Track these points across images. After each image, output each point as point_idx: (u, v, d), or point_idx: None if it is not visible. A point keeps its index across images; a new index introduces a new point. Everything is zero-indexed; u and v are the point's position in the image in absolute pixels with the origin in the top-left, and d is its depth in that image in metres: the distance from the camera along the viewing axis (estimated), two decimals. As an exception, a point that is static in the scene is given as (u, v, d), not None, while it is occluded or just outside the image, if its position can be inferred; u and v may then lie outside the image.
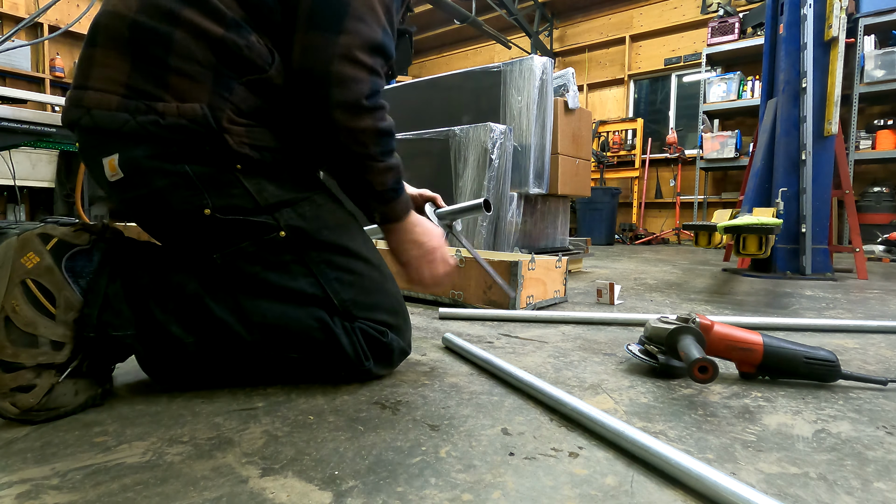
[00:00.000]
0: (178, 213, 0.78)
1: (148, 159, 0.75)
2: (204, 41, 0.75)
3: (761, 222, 1.94)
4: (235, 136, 0.78)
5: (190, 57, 0.75)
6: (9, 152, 2.54)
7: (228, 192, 0.79)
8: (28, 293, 0.71)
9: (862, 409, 0.82)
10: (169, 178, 0.76)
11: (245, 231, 0.81)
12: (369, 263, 0.90)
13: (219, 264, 0.82)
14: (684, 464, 0.57)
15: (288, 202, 0.83)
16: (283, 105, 0.83)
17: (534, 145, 2.42)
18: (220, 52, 0.76)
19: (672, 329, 0.93)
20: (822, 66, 2.65)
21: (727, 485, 0.52)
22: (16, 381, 0.69)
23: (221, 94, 0.77)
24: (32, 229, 0.75)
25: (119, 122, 0.74)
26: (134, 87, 0.75)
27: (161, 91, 0.75)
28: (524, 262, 1.57)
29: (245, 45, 0.77)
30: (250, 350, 0.82)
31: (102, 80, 0.75)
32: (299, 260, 0.84)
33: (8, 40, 2.12)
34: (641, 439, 0.62)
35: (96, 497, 0.53)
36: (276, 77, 0.81)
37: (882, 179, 5.31)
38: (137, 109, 0.74)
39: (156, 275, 0.81)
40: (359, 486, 0.56)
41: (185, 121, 0.74)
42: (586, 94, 7.91)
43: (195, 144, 0.76)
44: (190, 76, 0.75)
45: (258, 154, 0.80)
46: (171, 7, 0.75)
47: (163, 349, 0.79)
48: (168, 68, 0.75)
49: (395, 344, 0.90)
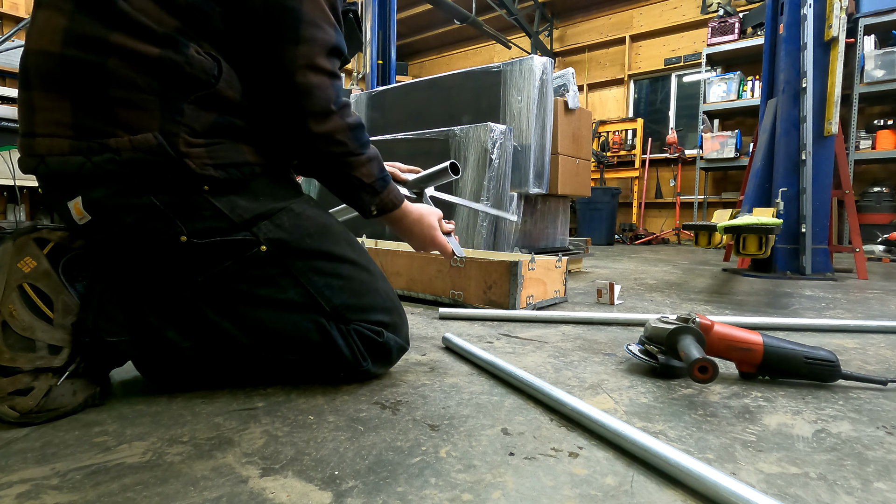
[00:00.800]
0: (154, 244, 0.76)
1: (111, 198, 0.72)
2: (140, 65, 0.70)
3: (761, 222, 1.93)
4: (196, 158, 0.74)
5: (130, 85, 0.70)
6: (9, 152, 2.54)
7: (200, 216, 0.76)
8: (25, 297, 0.71)
9: (862, 409, 0.82)
10: (136, 212, 0.73)
11: (225, 251, 0.78)
12: (357, 265, 0.89)
13: (206, 285, 0.80)
14: (684, 464, 0.57)
15: (264, 215, 0.80)
16: (240, 115, 0.79)
17: (534, 145, 2.42)
18: (159, 73, 0.71)
19: (672, 329, 0.93)
20: (822, 66, 2.65)
21: (727, 485, 0.52)
22: (13, 385, 0.69)
23: (172, 118, 0.72)
24: (29, 233, 0.74)
25: (75, 166, 0.70)
26: (81, 126, 0.70)
27: (110, 126, 0.70)
28: (524, 262, 1.57)
29: (184, 61, 0.72)
30: (247, 353, 0.82)
31: (48, 125, 0.71)
32: (285, 272, 0.82)
33: (8, 40, 2.12)
34: (641, 439, 0.62)
35: (96, 497, 0.53)
36: (225, 89, 0.76)
37: (882, 179, 5.31)
38: (90, 150, 0.70)
39: (151, 280, 0.80)
40: (359, 486, 0.56)
41: (142, 153, 0.71)
42: (586, 94, 7.91)
43: (156, 175, 0.73)
44: (135, 105, 0.71)
45: (223, 172, 0.77)
46: (98, 34, 0.69)
47: (159, 354, 0.79)
48: (111, 101, 0.70)
49: (391, 342, 0.90)
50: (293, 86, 0.77)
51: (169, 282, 0.82)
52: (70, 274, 0.75)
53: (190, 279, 0.80)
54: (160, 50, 0.71)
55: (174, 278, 0.81)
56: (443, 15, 6.39)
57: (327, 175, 0.87)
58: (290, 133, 0.81)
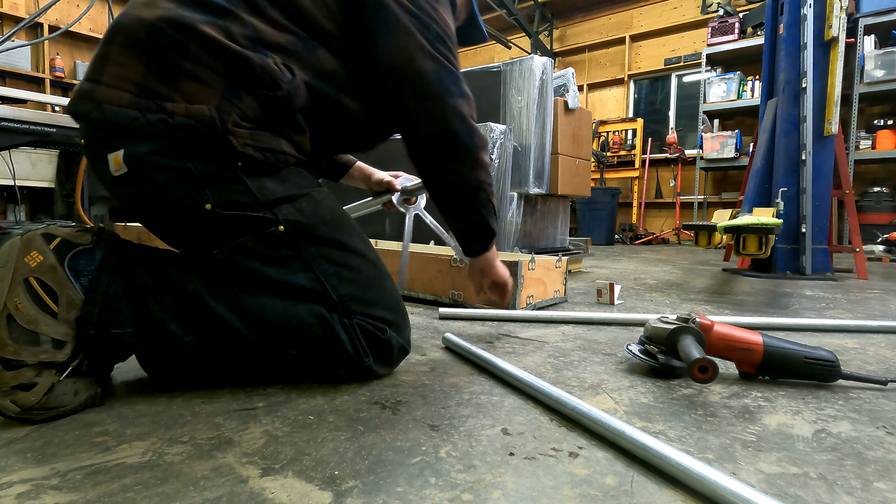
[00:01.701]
0: (179, 207, 0.79)
1: (152, 155, 0.76)
2: (219, 54, 0.78)
3: (761, 222, 1.94)
4: (240, 137, 0.79)
5: (204, 64, 0.77)
6: (9, 152, 2.54)
7: (229, 189, 0.80)
8: (31, 291, 0.72)
9: (862, 409, 0.82)
10: (171, 173, 0.77)
11: (244, 226, 0.82)
12: (367, 260, 0.92)
13: (219, 260, 0.82)
14: (684, 463, 0.57)
15: (287, 199, 0.84)
16: (289, 122, 0.85)
17: (534, 145, 2.43)
18: (233, 65, 0.79)
19: (672, 329, 0.93)
20: (822, 66, 2.65)
21: (727, 485, 0.52)
22: (17, 379, 0.69)
23: (230, 100, 0.79)
24: (35, 229, 0.75)
25: (128, 119, 0.75)
26: (146, 86, 0.76)
27: (172, 92, 0.76)
28: (524, 262, 1.57)
29: (260, 63, 0.80)
30: (250, 347, 0.82)
31: (115, 78, 0.77)
32: (297, 255, 0.85)
33: (8, 40, 2.12)
34: (641, 439, 0.62)
35: (96, 497, 0.53)
36: (286, 98, 0.82)
37: (882, 179, 5.31)
38: (148, 108, 0.75)
39: (155, 273, 0.81)
40: (359, 486, 0.56)
41: (193, 121, 0.76)
42: (586, 94, 7.91)
43: (200, 143, 0.77)
44: (201, 80, 0.77)
45: (261, 155, 0.81)
46: (195, 18, 0.78)
47: (161, 347, 0.79)
48: (181, 72, 0.77)
49: (394, 341, 0.90)
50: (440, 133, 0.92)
51: (181, 256, 0.85)
52: (76, 269, 0.76)
53: (206, 251, 0.82)
54: (241, 49, 0.79)
55: (190, 247, 0.84)
56: (443, 15, 6.38)
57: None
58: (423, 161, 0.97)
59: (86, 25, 6.31)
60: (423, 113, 0.90)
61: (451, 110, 0.90)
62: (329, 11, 0.87)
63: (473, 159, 0.95)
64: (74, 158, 2.92)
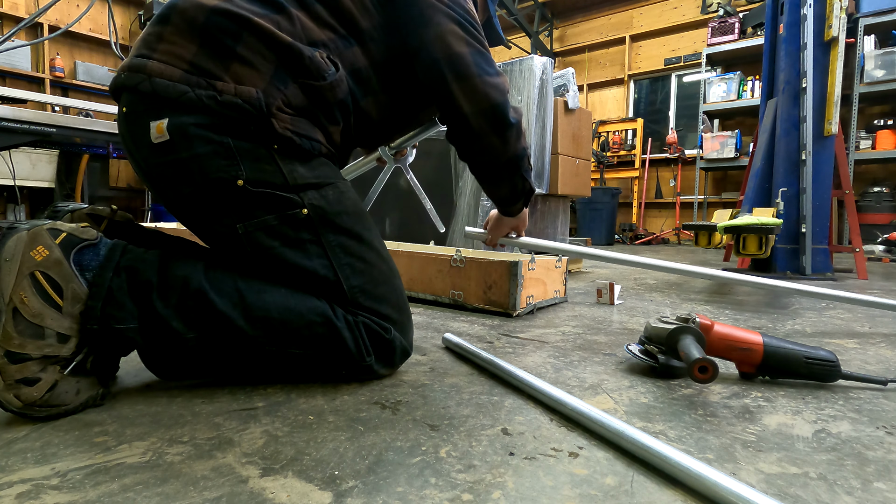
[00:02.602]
0: (213, 180, 0.82)
1: (196, 127, 0.80)
2: (271, 43, 0.83)
3: (761, 222, 1.94)
4: (281, 121, 0.83)
5: (255, 51, 0.82)
6: (9, 152, 2.54)
7: (262, 168, 0.83)
8: (36, 285, 0.72)
9: (862, 409, 0.82)
10: (211, 145, 0.81)
11: (271, 204, 0.84)
12: (380, 256, 0.94)
13: (239, 235, 0.84)
14: (684, 463, 0.57)
15: (314, 185, 0.87)
16: (326, 111, 0.90)
17: (534, 145, 2.42)
18: (283, 54, 0.84)
19: (672, 329, 0.93)
20: (822, 66, 2.65)
21: (727, 484, 0.52)
22: (21, 373, 0.69)
23: (277, 86, 0.83)
24: (42, 224, 0.76)
25: (178, 92, 0.79)
26: (198, 65, 0.81)
27: (222, 72, 0.81)
28: (524, 263, 1.57)
29: (309, 55, 0.85)
30: (252, 346, 0.82)
31: (168, 55, 0.81)
32: (316, 240, 0.87)
33: (8, 40, 2.12)
34: (642, 439, 0.62)
35: (96, 497, 0.53)
36: (328, 89, 0.87)
37: (882, 179, 5.31)
38: (198, 84, 0.80)
39: (160, 269, 0.81)
40: (359, 486, 0.56)
41: (241, 100, 0.80)
42: (586, 94, 7.90)
43: (243, 122, 0.81)
44: (252, 65, 0.82)
45: (298, 139, 0.85)
46: (252, 10, 0.83)
47: (163, 344, 0.79)
48: (233, 55, 0.82)
49: (397, 342, 0.90)
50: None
51: (201, 229, 0.89)
52: (81, 264, 0.76)
53: (229, 226, 0.84)
54: (292, 41, 0.84)
55: (211, 223, 0.86)
56: (443, 15, 6.38)
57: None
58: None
59: (86, 25, 6.30)
60: (467, 92, 0.94)
61: (492, 87, 0.95)
62: (366, 10, 0.93)
63: (516, 130, 1.01)
64: (74, 158, 2.92)
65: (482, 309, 1.60)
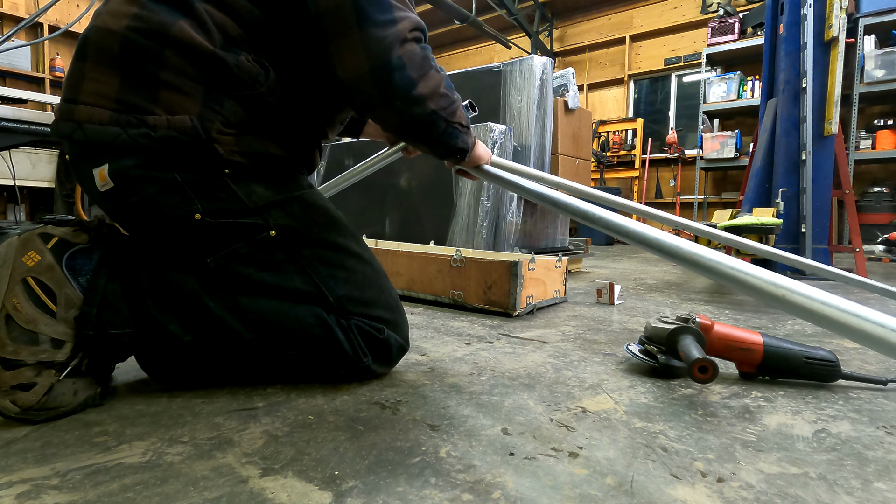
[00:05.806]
0: (169, 218, 0.79)
1: (137, 168, 0.76)
2: (195, 58, 0.76)
3: (761, 222, 1.94)
4: (225, 145, 0.79)
5: (181, 72, 0.76)
6: (9, 152, 2.54)
7: (217, 196, 0.80)
8: (29, 291, 0.72)
9: (862, 409, 0.82)
10: (158, 184, 0.77)
11: (236, 233, 0.82)
12: (361, 260, 0.92)
13: (213, 269, 0.82)
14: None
15: (277, 203, 0.84)
16: (273, 116, 0.83)
17: (534, 145, 2.43)
18: (210, 69, 0.77)
19: (672, 329, 0.93)
20: (822, 66, 2.65)
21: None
22: (16, 379, 0.69)
23: (211, 107, 0.77)
24: (33, 229, 0.75)
25: (111, 136, 0.74)
26: (124, 101, 0.75)
27: (151, 105, 0.75)
28: (524, 263, 1.57)
29: (235, 63, 0.78)
30: (249, 348, 0.82)
31: (93, 95, 0.75)
32: (291, 259, 0.85)
33: (8, 40, 2.12)
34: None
35: (96, 497, 0.53)
36: (266, 94, 0.81)
37: (882, 179, 5.30)
38: (129, 123, 0.74)
39: (154, 273, 0.81)
40: (359, 486, 0.56)
41: (176, 132, 0.75)
42: (586, 94, 7.90)
43: (185, 154, 0.77)
44: (180, 90, 0.76)
45: (248, 160, 0.81)
46: (163, 20, 0.75)
47: (161, 348, 0.79)
48: (159, 83, 0.75)
49: (392, 340, 0.90)
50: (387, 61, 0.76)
51: (178, 260, 0.84)
52: (74, 268, 0.76)
53: (200, 260, 0.82)
54: (215, 50, 0.77)
55: (184, 257, 0.83)
56: (442, 15, 6.38)
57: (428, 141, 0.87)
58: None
59: (86, 25, 6.31)
60: (342, 53, 0.76)
61: (374, 42, 0.74)
62: None
63: (411, 96, 0.78)
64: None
65: (482, 309, 1.60)
